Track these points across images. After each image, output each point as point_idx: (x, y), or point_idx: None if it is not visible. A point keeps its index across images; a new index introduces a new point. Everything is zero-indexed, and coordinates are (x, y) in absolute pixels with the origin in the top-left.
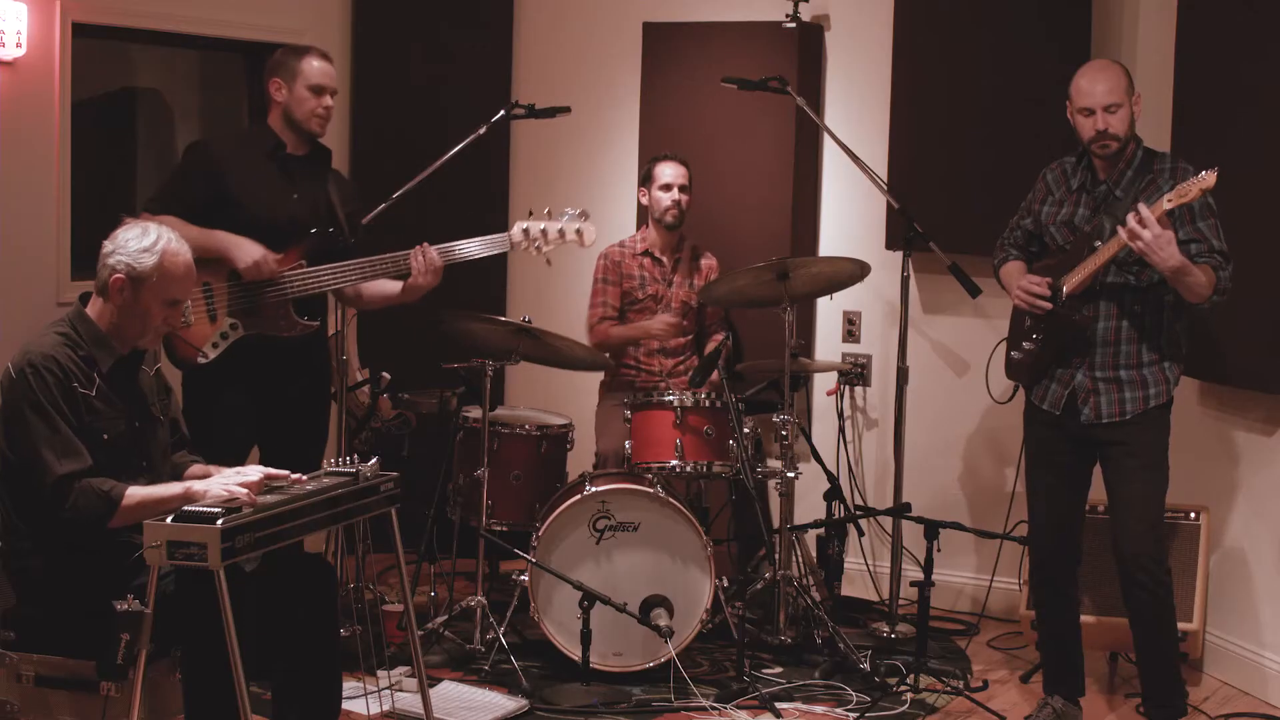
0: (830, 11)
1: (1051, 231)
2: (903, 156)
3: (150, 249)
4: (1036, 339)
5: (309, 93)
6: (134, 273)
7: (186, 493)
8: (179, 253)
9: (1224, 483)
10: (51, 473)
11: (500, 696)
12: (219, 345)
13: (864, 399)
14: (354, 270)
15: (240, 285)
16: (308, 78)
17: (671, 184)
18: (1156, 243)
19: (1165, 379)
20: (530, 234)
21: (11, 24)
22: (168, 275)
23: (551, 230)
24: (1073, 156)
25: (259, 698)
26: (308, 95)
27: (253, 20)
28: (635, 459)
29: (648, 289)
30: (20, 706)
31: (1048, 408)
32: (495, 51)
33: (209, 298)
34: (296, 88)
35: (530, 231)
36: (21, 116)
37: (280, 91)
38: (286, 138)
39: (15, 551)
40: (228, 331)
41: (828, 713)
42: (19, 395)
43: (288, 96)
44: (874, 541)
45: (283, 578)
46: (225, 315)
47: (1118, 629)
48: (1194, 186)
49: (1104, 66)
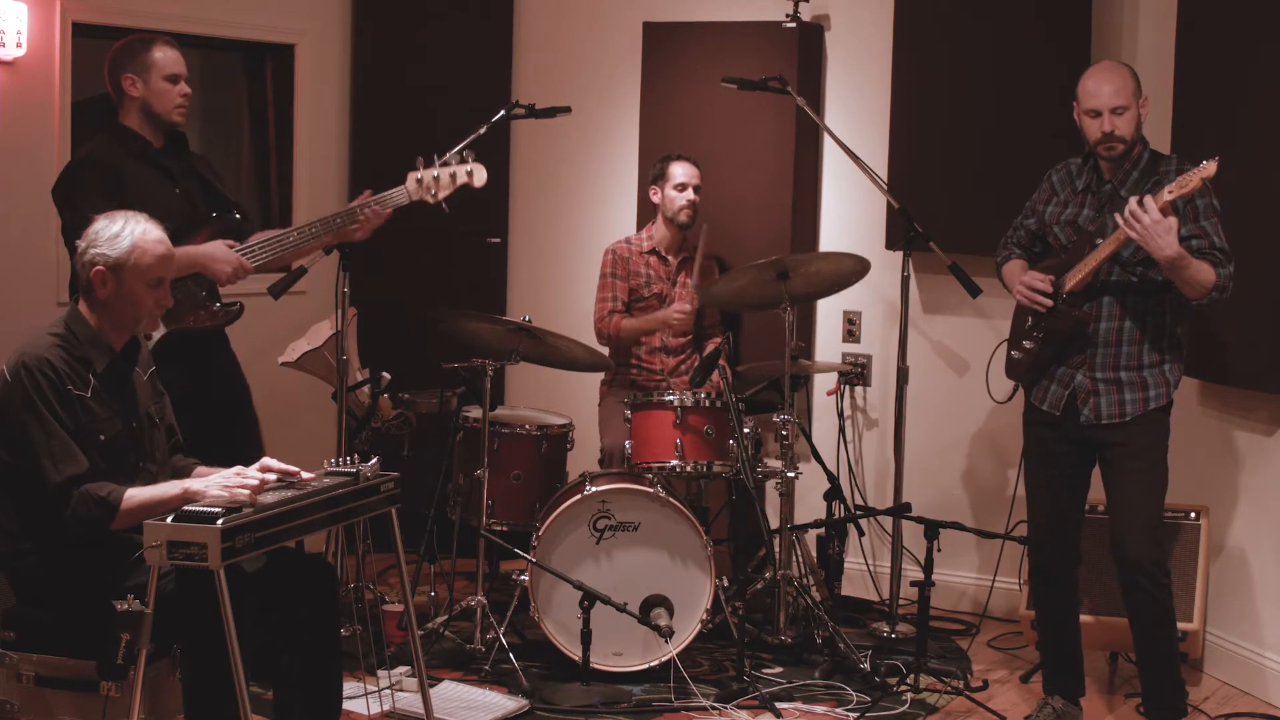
0: (830, 11)
1: (1055, 231)
2: (903, 156)
3: (120, 233)
4: (1037, 337)
5: (167, 83)
6: (110, 260)
7: (185, 493)
8: (149, 231)
9: (1224, 483)
10: (49, 479)
11: (500, 696)
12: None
13: (864, 399)
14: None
15: None
16: (162, 68)
17: (686, 184)
18: (1154, 229)
19: (1166, 381)
20: (423, 182)
21: (11, 24)
22: (144, 255)
23: (444, 175)
24: (1078, 157)
25: (259, 698)
26: (166, 86)
27: (253, 20)
28: (635, 459)
29: (653, 287)
30: (20, 706)
31: (1047, 408)
32: (495, 52)
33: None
34: (153, 80)
35: (423, 180)
36: (21, 116)
37: (135, 86)
38: (146, 133)
39: (15, 551)
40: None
41: (828, 713)
42: (14, 398)
43: (145, 90)
44: (874, 541)
45: (283, 578)
46: None
47: (1118, 629)
48: (1194, 176)
49: (1111, 68)
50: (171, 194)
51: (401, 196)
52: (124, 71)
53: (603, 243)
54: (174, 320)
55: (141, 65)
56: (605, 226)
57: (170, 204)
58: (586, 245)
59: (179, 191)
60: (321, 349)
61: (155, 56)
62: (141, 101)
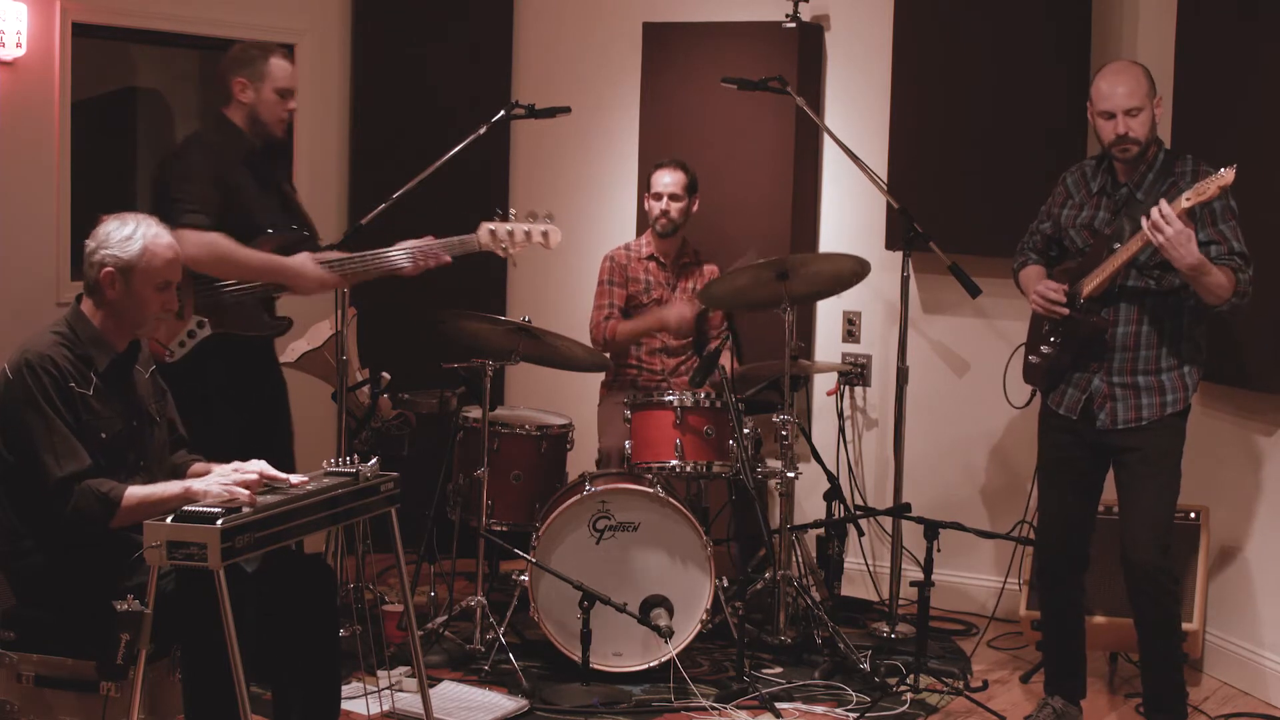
0: (830, 11)
1: (1071, 234)
2: (903, 156)
3: (131, 237)
4: (1054, 342)
5: (277, 96)
6: (121, 263)
7: (186, 492)
8: (160, 235)
9: (1224, 483)
10: (51, 475)
11: (500, 696)
12: (185, 344)
13: (864, 399)
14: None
15: (207, 282)
16: (275, 80)
17: (662, 193)
18: (1177, 239)
19: (1184, 385)
20: (497, 235)
21: (11, 24)
22: (155, 258)
23: (519, 232)
24: (1093, 159)
25: (259, 698)
26: (275, 99)
27: (253, 20)
28: (635, 459)
29: (652, 293)
30: (20, 706)
31: (1064, 412)
32: (495, 51)
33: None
34: (264, 90)
35: (497, 234)
36: (21, 116)
37: (246, 92)
38: (247, 134)
39: (15, 551)
40: (194, 330)
41: (828, 713)
42: (16, 396)
43: (254, 98)
44: (874, 541)
45: (283, 578)
46: (192, 313)
47: (1121, 629)
48: (1212, 184)
49: (1125, 68)
50: (260, 198)
51: (472, 245)
52: (238, 75)
53: (602, 242)
54: (223, 324)
55: (257, 73)
56: (605, 226)
57: (262, 209)
58: (586, 246)
59: (271, 199)
60: (321, 349)
61: (271, 68)
62: (250, 108)
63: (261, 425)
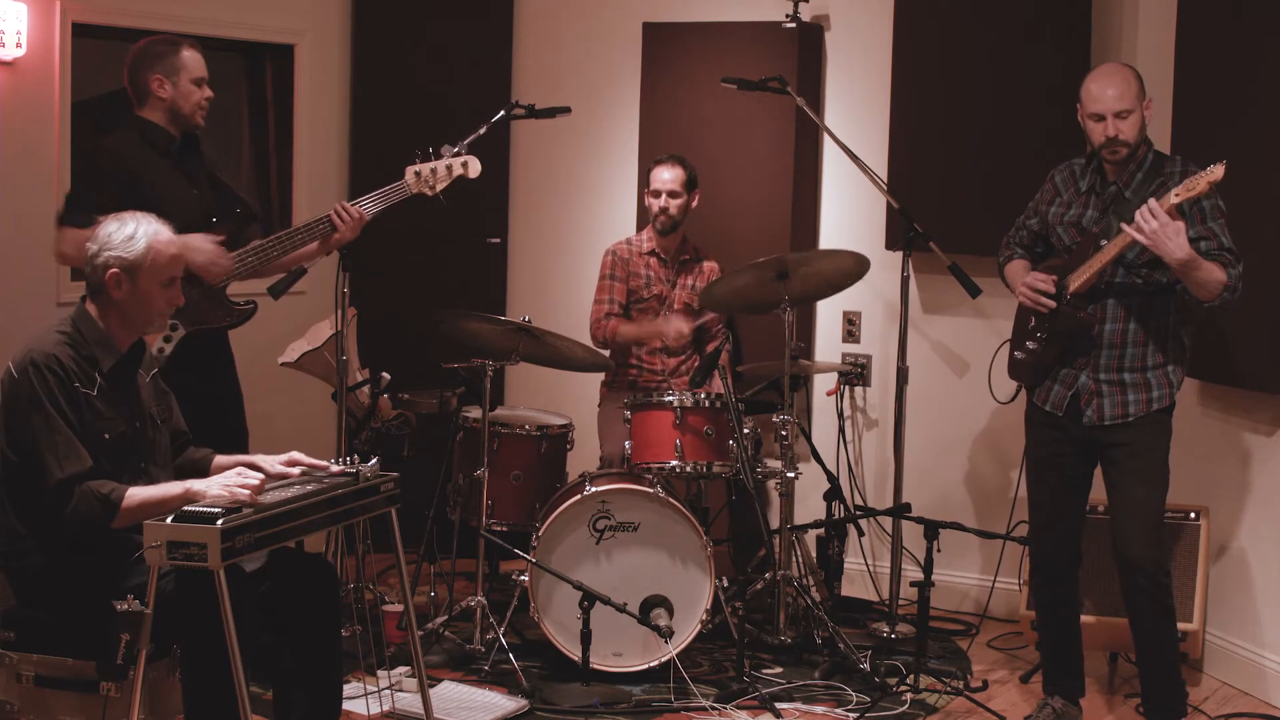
0: (830, 11)
1: (1059, 232)
2: (903, 156)
3: (134, 236)
4: (1040, 338)
5: (193, 85)
6: (126, 263)
7: (186, 493)
8: (161, 232)
9: (1224, 483)
10: (52, 475)
11: (500, 696)
12: (164, 349)
13: (864, 399)
14: (276, 245)
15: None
16: (190, 70)
17: (660, 190)
18: (1164, 232)
19: (1169, 382)
20: (421, 175)
21: (11, 24)
22: (159, 255)
23: (440, 168)
24: (1081, 158)
25: (259, 698)
26: (193, 88)
27: (253, 20)
28: (635, 459)
29: (653, 289)
30: (20, 706)
31: (1050, 409)
32: (495, 52)
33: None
34: (181, 81)
35: (421, 174)
36: (21, 116)
37: (164, 88)
38: (170, 131)
39: (15, 551)
40: (170, 334)
41: (828, 713)
42: (20, 395)
43: (173, 91)
44: (874, 541)
45: (284, 577)
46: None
47: (1118, 629)
48: (1202, 180)
49: (1114, 71)
50: (189, 193)
51: (402, 190)
52: (152, 72)
53: (603, 242)
54: (194, 320)
55: (171, 67)
56: (605, 226)
57: (188, 202)
58: (586, 245)
59: (196, 191)
60: (321, 349)
61: (184, 59)
62: (170, 102)
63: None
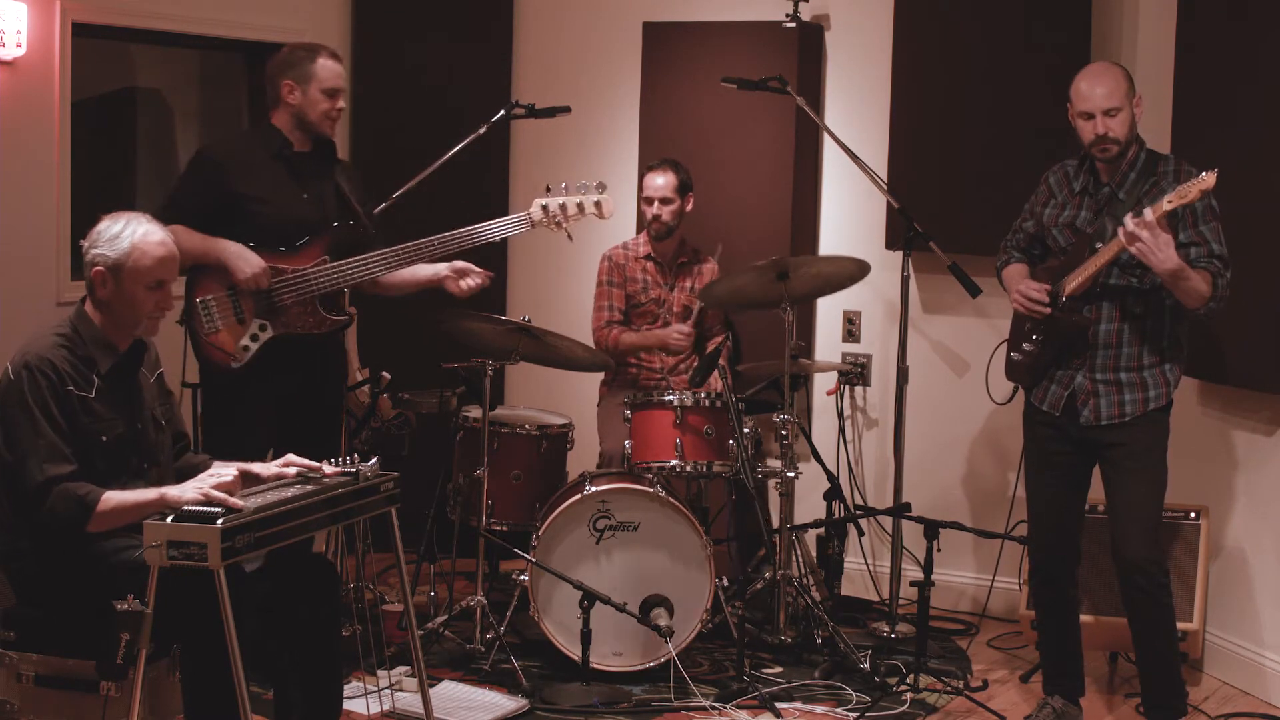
0: (830, 11)
1: (1054, 234)
2: (903, 156)
3: (120, 235)
4: (1036, 340)
5: (323, 95)
6: (110, 261)
7: (162, 499)
8: (150, 233)
9: (1224, 483)
10: (32, 477)
11: (500, 696)
12: (249, 349)
13: (864, 399)
14: (378, 262)
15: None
16: (322, 80)
17: (653, 197)
18: (1154, 244)
19: (1166, 381)
20: (549, 210)
21: (11, 24)
22: (144, 256)
23: (570, 205)
24: (1075, 159)
25: (259, 698)
26: (322, 98)
27: (253, 20)
28: (635, 459)
29: (650, 293)
30: (20, 706)
31: (1047, 409)
32: (495, 51)
33: (235, 301)
34: (311, 90)
35: (549, 208)
36: (21, 116)
37: (293, 94)
38: (294, 137)
39: (15, 551)
40: (257, 334)
41: (828, 713)
42: (11, 396)
43: (301, 99)
44: (874, 541)
45: (284, 577)
46: (253, 318)
47: (1118, 629)
48: (1194, 188)
49: (1103, 69)
50: (298, 197)
51: (524, 223)
52: (284, 77)
53: (602, 242)
54: (284, 325)
55: (303, 74)
56: (605, 226)
57: (290, 205)
58: (586, 245)
59: (306, 196)
60: None
61: (318, 69)
62: (297, 109)
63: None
